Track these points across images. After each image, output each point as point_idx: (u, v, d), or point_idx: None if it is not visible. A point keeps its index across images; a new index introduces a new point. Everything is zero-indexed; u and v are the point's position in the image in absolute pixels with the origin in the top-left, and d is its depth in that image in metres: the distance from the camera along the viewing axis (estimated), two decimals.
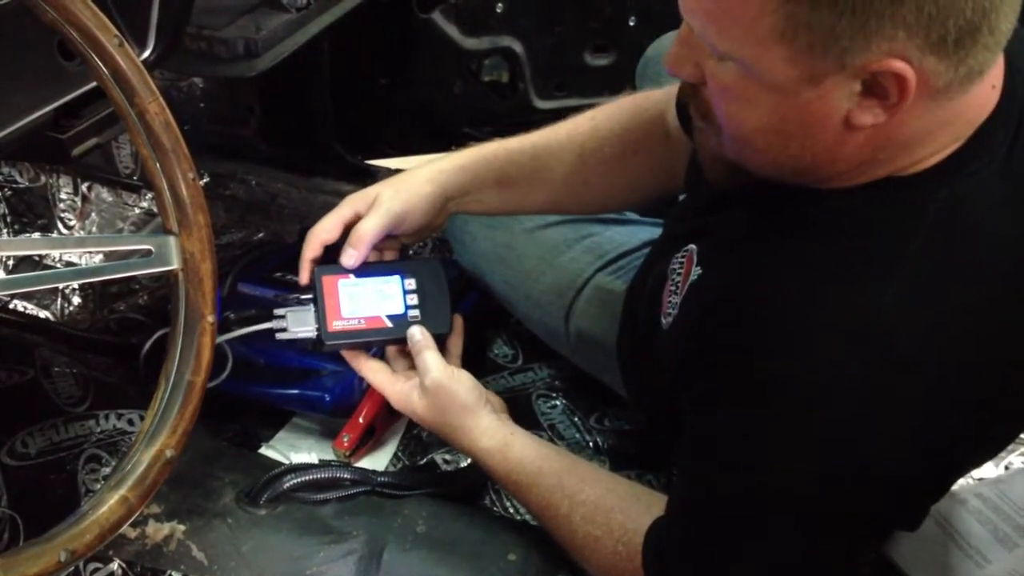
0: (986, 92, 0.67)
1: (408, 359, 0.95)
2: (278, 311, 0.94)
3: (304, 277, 0.93)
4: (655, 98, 1.00)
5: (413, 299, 0.96)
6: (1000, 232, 0.68)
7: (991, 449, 0.83)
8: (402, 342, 0.95)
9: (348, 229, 0.93)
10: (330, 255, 0.94)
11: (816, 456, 0.67)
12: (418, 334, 0.94)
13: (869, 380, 0.65)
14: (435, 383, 0.91)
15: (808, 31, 0.59)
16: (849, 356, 0.65)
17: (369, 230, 0.91)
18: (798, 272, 0.69)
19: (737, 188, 0.77)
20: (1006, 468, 1.13)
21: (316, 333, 0.93)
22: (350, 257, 0.91)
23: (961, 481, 1.04)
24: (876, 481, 0.68)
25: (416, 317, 0.96)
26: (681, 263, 0.83)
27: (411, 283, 0.96)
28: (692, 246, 0.82)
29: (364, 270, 0.95)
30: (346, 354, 0.96)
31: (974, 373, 0.67)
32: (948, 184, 0.67)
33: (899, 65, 0.59)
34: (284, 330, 0.93)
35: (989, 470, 1.11)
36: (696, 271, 0.80)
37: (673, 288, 0.83)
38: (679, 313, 0.81)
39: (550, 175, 0.99)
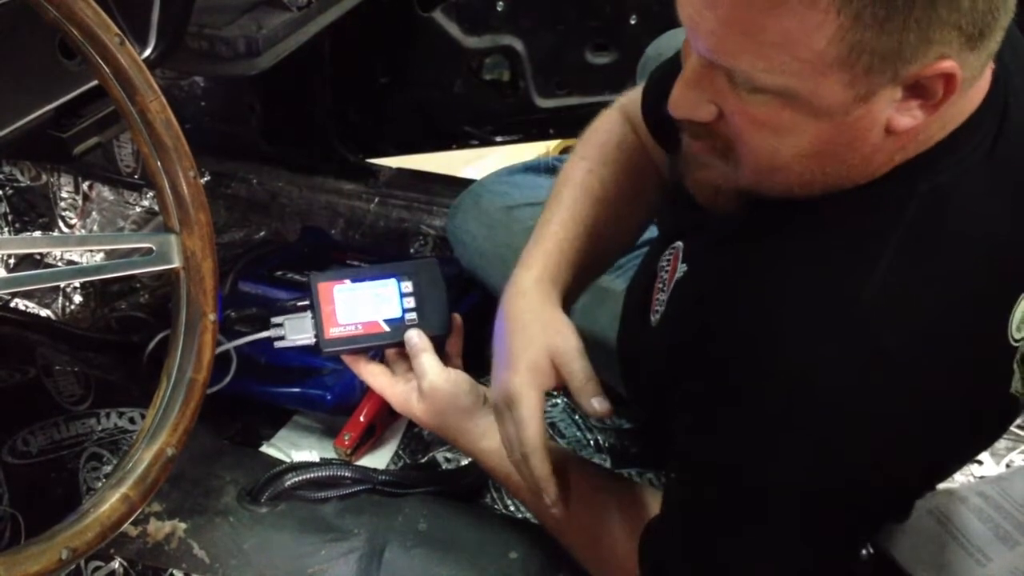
0: (986, 79, 0.66)
1: (408, 361, 0.95)
2: (275, 319, 0.94)
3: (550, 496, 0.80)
4: (624, 127, 0.94)
5: (410, 302, 0.95)
6: (982, 223, 0.67)
7: (981, 441, 0.82)
8: (401, 346, 0.95)
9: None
10: (323, 263, 0.94)
11: (803, 451, 0.67)
12: (415, 338, 0.93)
13: (851, 373, 0.65)
14: (432, 387, 0.91)
15: (871, 53, 0.58)
16: (830, 351, 0.65)
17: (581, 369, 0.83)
18: (780, 269, 0.68)
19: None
20: (1007, 466, 1.13)
21: (314, 340, 0.93)
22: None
23: (961, 479, 1.04)
24: (865, 474, 0.68)
25: (413, 320, 0.95)
26: (669, 260, 0.83)
27: (408, 286, 0.96)
28: (679, 243, 0.82)
29: (360, 275, 0.95)
30: (346, 358, 0.96)
31: (958, 363, 0.67)
32: (930, 175, 0.66)
33: (947, 64, 0.58)
34: (282, 338, 0.94)
35: (990, 468, 1.11)
36: (682, 268, 0.79)
37: (661, 285, 0.83)
38: (665, 310, 0.81)
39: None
